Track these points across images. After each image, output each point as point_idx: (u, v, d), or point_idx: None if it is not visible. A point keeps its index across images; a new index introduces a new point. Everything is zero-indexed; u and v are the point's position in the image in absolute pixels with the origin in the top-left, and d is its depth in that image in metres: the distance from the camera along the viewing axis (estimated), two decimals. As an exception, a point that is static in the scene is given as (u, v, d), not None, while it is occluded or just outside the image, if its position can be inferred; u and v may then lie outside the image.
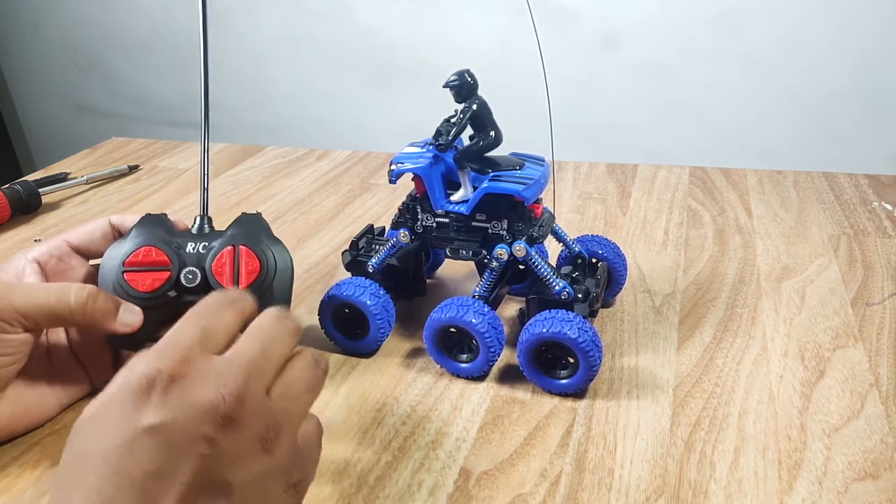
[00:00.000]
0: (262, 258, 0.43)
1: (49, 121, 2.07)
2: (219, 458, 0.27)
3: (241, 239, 0.43)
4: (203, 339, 0.30)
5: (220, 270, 0.42)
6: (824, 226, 0.66)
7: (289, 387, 0.31)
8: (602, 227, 0.68)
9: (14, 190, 0.75)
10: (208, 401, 0.27)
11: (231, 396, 0.28)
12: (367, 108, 1.68)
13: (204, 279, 0.42)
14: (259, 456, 0.28)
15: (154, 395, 0.27)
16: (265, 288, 0.42)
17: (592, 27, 1.42)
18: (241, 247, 0.42)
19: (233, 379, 0.28)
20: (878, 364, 0.46)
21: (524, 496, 0.37)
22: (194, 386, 0.28)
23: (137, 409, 0.27)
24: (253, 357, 0.30)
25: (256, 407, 0.29)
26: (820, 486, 0.37)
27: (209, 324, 0.31)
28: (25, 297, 0.38)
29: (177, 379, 0.28)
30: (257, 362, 0.30)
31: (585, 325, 0.42)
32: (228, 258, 0.42)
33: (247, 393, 0.28)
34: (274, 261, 0.43)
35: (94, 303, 0.39)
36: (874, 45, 1.27)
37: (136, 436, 0.26)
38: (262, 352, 0.30)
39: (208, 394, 0.27)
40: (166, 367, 0.28)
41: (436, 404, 0.45)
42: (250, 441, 0.28)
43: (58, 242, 0.44)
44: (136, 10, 1.77)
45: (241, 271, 0.42)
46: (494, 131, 0.45)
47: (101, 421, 0.28)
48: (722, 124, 1.42)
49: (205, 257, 0.42)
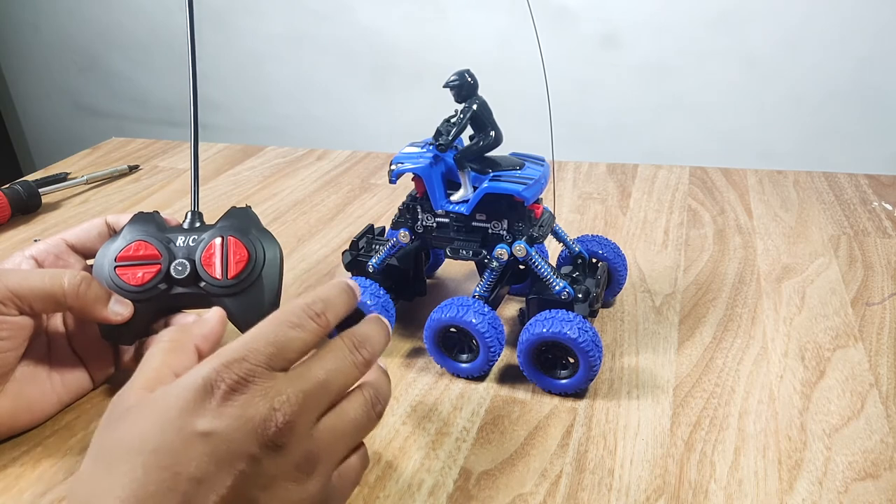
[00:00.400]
0: (250, 248, 0.43)
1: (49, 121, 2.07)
2: (256, 477, 0.28)
3: (230, 230, 0.43)
4: (274, 355, 0.29)
5: (208, 261, 0.42)
6: (824, 226, 0.66)
7: (338, 422, 0.31)
8: (602, 227, 0.68)
9: (14, 190, 0.75)
10: (261, 419, 0.28)
11: (283, 420, 0.28)
12: (367, 108, 1.68)
13: (193, 270, 0.42)
14: (291, 484, 0.29)
15: (213, 402, 0.28)
16: (254, 277, 0.43)
17: (592, 27, 1.42)
18: (230, 237, 0.43)
19: (289, 403, 0.28)
20: (878, 364, 0.46)
21: (524, 496, 0.37)
22: (252, 401, 0.28)
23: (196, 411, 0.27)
24: (315, 383, 0.30)
25: (303, 435, 0.29)
26: (820, 486, 0.37)
27: (284, 339, 0.30)
28: (19, 279, 0.38)
29: (237, 390, 0.28)
30: (318, 389, 0.30)
31: (585, 325, 0.42)
32: (217, 249, 0.42)
33: (298, 420, 0.28)
34: (263, 251, 0.43)
35: (86, 288, 0.39)
36: (874, 45, 1.27)
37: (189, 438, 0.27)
38: (326, 381, 0.30)
39: (262, 412, 0.28)
40: (230, 378, 0.28)
41: (436, 404, 0.45)
42: (288, 467, 0.28)
43: (55, 241, 0.45)
44: (136, 10, 1.77)
45: (229, 261, 0.42)
46: (494, 131, 0.45)
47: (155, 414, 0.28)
48: (722, 124, 1.42)
49: (194, 250, 0.43)
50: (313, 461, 0.29)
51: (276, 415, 0.28)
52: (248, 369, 0.28)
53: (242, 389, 0.28)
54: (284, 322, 0.31)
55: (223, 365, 0.28)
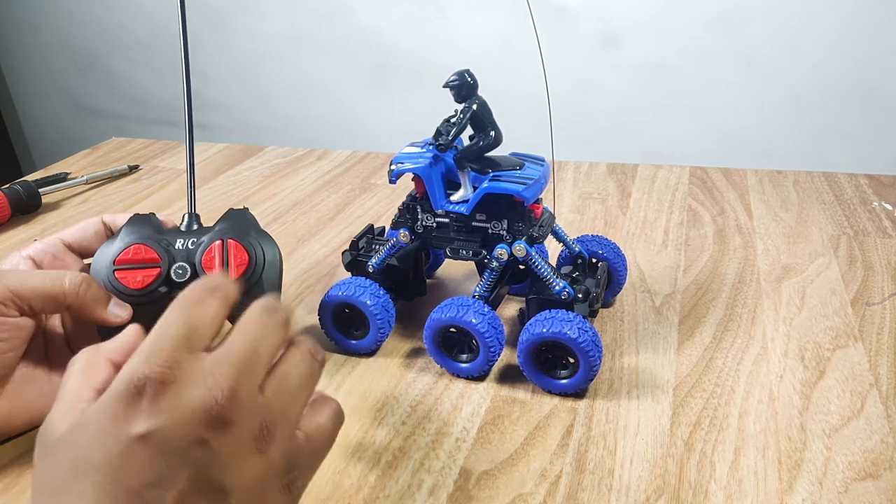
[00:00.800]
0: (250, 251, 0.43)
1: (49, 121, 2.07)
2: (214, 461, 0.27)
3: (230, 233, 0.43)
4: (189, 336, 0.29)
5: (209, 265, 0.42)
6: (824, 226, 0.66)
7: (282, 382, 0.30)
8: (602, 227, 0.68)
9: (14, 190, 0.75)
10: (199, 403, 0.27)
11: (222, 397, 0.27)
12: (367, 108, 1.68)
13: (194, 274, 0.42)
14: (253, 456, 0.28)
15: (144, 402, 0.27)
16: (254, 280, 0.43)
17: (592, 27, 1.42)
18: (230, 240, 0.43)
19: (223, 378, 0.28)
20: (878, 364, 0.46)
21: (524, 496, 0.37)
22: (184, 389, 0.27)
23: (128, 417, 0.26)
24: (243, 353, 0.29)
25: (249, 406, 0.28)
26: (820, 486, 0.37)
27: (193, 318, 0.30)
28: (19, 279, 0.38)
29: (166, 383, 0.27)
30: (248, 359, 0.29)
31: (585, 325, 0.42)
32: (217, 252, 0.42)
33: (238, 392, 0.28)
34: (262, 253, 0.43)
35: (86, 288, 0.39)
36: (874, 45, 1.27)
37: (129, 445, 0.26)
38: (253, 348, 0.29)
39: (199, 395, 0.27)
40: (154, 372, 0.27)
41: (436, 404, 0.45)
42: (244, 441, 0.28)
43: (52, 240, 0.45)
44: (136, 10, 1.77)
45: (230, 264, 0.42)
46: (494, 131, 0.45)
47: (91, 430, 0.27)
48: (722, 124, 1.42)
49: (194, 253, 0.43)
50: (270, 428, 0.28)
51: (213, 394, 0.27)
52: (168, 357, 0.27)
53: (170, 379, 0.27)
54: (187, 302, 0.30)
55: (142, 362, 0.27)
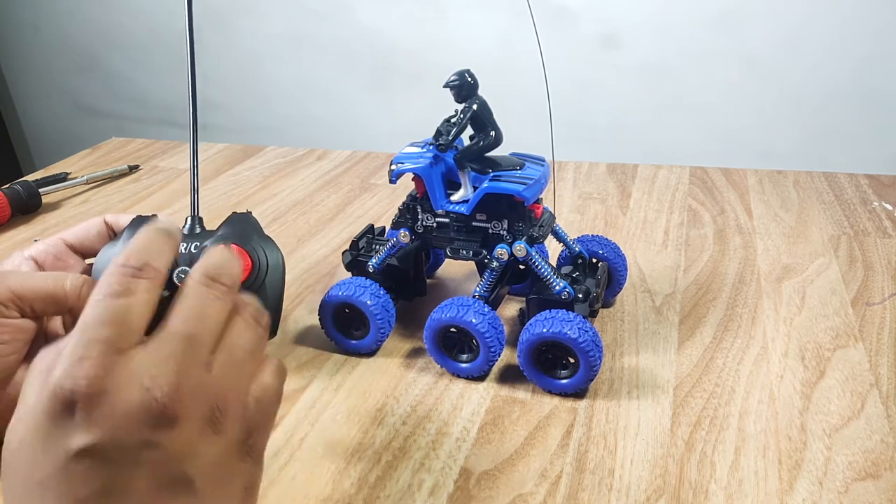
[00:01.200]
0: (253, 256, 0.43)
1: (49, 121, 2.07)
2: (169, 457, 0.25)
3: (232, 238, 0.43)
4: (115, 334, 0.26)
5: None
6: (824, 226, 0.66)
7: (230, 357, 0.28)
8: (602, 227, 0.68)
9: (14, 190, 0.75)
10: (138, 406, 0.25)
11: (163, 395, 0.25)
12: (367, 108, 1.67)
13: None
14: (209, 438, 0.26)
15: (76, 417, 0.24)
16: (257, 286, 0.42)
17: (592, 27, 1.42)
18: (232, 245, 0.43)
19: (161, 374, 0.25)
20: (879, 364, 0.46)
21: (524, 496, 0.37)
22: (119, 395, 0.25)
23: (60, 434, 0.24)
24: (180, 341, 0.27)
25: (196, 393, 0.26)
26: (820, 486, 0.37)
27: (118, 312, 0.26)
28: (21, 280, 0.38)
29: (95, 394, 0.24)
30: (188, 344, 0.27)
31: (586, 325, 0.42)
32: None
33: (181, 384, 0.26)
34: (265, 258, 0.43)
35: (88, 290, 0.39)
36: (874, 45, 1.27)
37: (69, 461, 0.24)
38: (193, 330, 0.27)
39: (136, 399, 0.25)
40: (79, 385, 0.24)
41: (436, 404, 0.45)
42: (197, 429, 0.26)
43: (54, 241, 0.44)
44: (136, 10, 1.77)
45: None
46: (494, 131, 0.45)
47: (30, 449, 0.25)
48: (722, 124, 1.42)
49: (196, 257, 0.43)
50: (222, 408, 0.27)
51: (152, 394, 0.25)
52: (93, 367, 0.25)
53: (99, 389, 0.24)
54: (106, 296, 0.27)
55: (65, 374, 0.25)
